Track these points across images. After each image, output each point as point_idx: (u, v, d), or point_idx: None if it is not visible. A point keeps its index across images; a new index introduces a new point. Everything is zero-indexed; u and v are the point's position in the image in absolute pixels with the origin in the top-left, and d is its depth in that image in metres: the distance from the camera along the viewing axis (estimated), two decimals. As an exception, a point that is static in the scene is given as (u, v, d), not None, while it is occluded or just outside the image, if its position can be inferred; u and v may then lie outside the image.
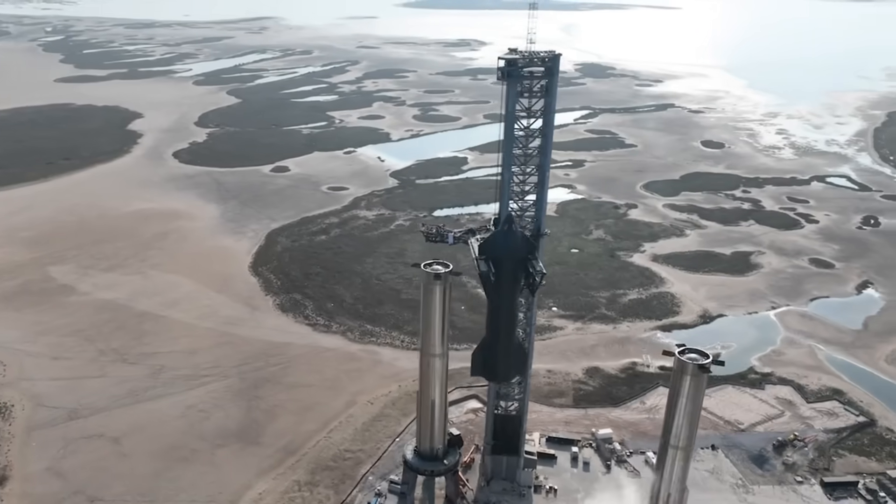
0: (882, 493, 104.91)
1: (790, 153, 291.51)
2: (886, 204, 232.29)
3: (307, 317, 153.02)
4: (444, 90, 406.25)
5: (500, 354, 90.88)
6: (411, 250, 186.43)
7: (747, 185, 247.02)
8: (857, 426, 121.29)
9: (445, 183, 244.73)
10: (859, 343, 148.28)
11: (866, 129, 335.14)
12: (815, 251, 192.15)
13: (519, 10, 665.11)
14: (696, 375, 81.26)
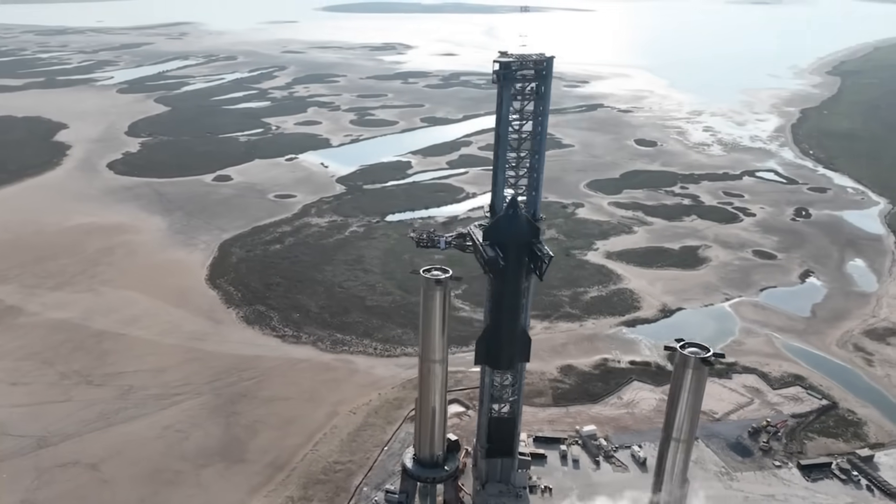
0: (854, 472, 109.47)
1: (719, 149, 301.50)
2: (814, 196, 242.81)
3: (274, 328, 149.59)
4: (377, 94, 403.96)
5: (504, 341, 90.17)
6: (370, 257, 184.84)
7: (684, 182, 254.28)
8: (822, 409, 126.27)
9: (393, 187, 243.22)
10: (811, 330, 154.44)
11: (784, 125, 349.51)
12: (756, 243, 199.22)
13: (440, 14, 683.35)
14: (698, 369, 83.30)
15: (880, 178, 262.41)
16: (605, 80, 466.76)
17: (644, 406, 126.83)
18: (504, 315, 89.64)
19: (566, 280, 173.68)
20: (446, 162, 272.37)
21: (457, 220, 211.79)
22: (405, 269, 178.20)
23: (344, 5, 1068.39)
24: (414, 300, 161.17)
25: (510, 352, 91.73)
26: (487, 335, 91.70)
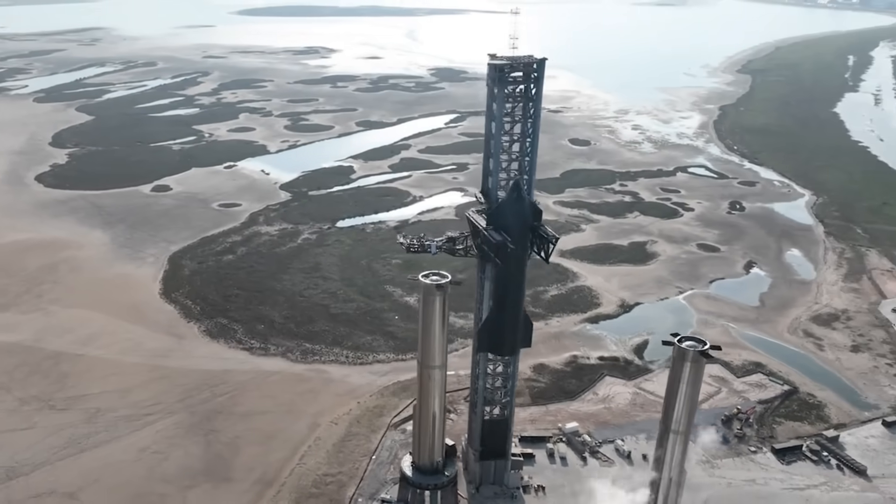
0: (825, 453, 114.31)
1: (650, 147, 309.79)
2: (744, 189, 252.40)
3: (240, 341, 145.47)
4: (308, 99, 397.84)
5: (508, 327, 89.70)
6: (326, 264, 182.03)
7: (622, 179, 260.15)
8: (785, 394, 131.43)
9: (339, 193, 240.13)
10: (762, 318, 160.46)
11: (707, 121, 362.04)
12: (699, 237, 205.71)
13: (357, 17, 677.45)
14: (696, 361, 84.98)
15: (801, 170, 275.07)
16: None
17: (620, 401, 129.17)
18: (508, 300, 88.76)
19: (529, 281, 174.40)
20: (388, 166, 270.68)
21: (407, 223, 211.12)
22: (364, 275, 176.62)
23: (259, 9, 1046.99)
24: (378, 306, 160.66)
25: (513, 338, 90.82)
26: (490, 322, 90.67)
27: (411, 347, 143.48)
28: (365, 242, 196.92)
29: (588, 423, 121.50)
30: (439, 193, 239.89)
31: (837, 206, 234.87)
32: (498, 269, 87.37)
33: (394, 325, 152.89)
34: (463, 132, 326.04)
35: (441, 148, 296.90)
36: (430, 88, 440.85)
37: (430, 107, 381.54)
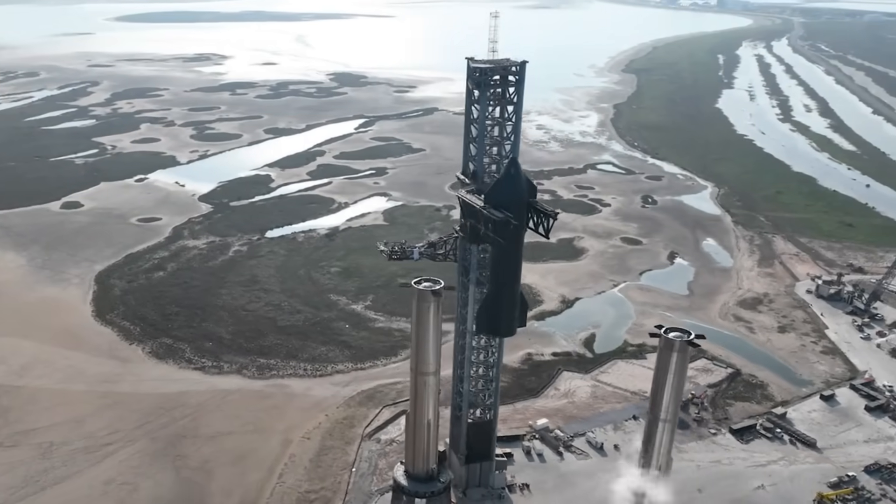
0: (777, 430, 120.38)
1: (557, 146, 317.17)
2: (652, 184, 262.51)
3: (190, 360, 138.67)
4: (209, 107, 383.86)
5: (506, 307, 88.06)
6: (264, 276, 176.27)
7: (538, 178, 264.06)
8: (730, 377, 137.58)
9: (262, 203, 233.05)
10: (694, 306, 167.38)
11: (604, 120, 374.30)
12: (621, 231, 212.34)
13: (242, 22, 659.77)
14: (682, 351, 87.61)
15: (699, 164, 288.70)
16: (431, 84, 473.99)
17: (581, 394, 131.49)
18: (507, 279, 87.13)
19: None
20: (307, 173, 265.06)
21: (338, 231, 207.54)
22: (305, 285, 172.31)
23: (137, 15, 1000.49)
24: (326, 316, 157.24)
25: (511, 317, 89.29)
26: (488, 303, 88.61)
27: (368, 356, 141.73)
28: (299, 252, 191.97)
29: (556, 419, 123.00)
30: (364, 199, 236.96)
31: (738, 196, 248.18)
32: (497, 248, 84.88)
33: (346, 334, 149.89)
34: (375, 137, 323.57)
35: (356, 153, 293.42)
36: (333, 94, 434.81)
37: (337, 112, 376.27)
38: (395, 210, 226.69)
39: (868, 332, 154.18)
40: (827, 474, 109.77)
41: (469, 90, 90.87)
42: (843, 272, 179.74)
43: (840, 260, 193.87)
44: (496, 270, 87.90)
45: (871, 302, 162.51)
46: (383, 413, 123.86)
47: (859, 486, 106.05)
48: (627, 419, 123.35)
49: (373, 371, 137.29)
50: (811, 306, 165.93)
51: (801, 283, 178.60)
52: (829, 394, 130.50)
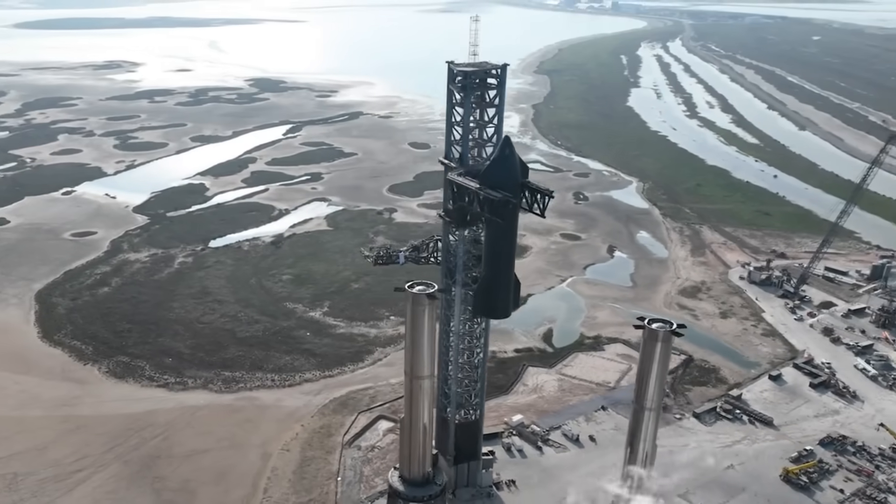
0: (736, 411, 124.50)
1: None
2: (581, 181, 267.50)
3: (152, 378, 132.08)
4: (128, 116, 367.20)
5: (502, 288, 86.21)
6: (215, 287, 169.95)
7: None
8: (684, 363, 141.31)
9: (200, 212, 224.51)
10: (639, 297, 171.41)
11: (526, 120, 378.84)
12: (559, 227, 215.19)
13: (150, 28, 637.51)
14: (666, 340, 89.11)
15: (621, 160, 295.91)
16: (352, 88, 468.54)
17: (549, 388, 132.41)
18: (504, 259, 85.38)
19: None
20: (241, 181, 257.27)
21: (283, 238, 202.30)
22: (258, 294, 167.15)
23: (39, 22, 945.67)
24: (285, 325, 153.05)
25: (507, 298, 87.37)
26: (484, 285, 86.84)
27: (335, 363, 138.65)
28: (247, 261, 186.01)
29: (530, 414, 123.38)
30: (303, 205, 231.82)
31: (662, 189, 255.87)
32: (493, 229, 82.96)
33: (309, 342, 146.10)
34: (304, 142, 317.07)
35: (288, 159, 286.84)
36: (255, 100, 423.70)
37: (262, 118, 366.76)
38: (338, 215, 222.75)
39: (800, 313, 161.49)
40: (787, 450, 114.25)
41: (450, 93, 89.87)
42: (771, 258, 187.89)
43: (763, 247, 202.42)
44: (492, 252, 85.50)
45: (799, 285, 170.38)
46: (359, 420, 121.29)
47: (820, 460, 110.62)
48: (597, 410, 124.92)
49: (342, 378, 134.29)
50: (745, 292, 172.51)
51: (733, 270, 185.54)
52: (777, 374, 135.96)
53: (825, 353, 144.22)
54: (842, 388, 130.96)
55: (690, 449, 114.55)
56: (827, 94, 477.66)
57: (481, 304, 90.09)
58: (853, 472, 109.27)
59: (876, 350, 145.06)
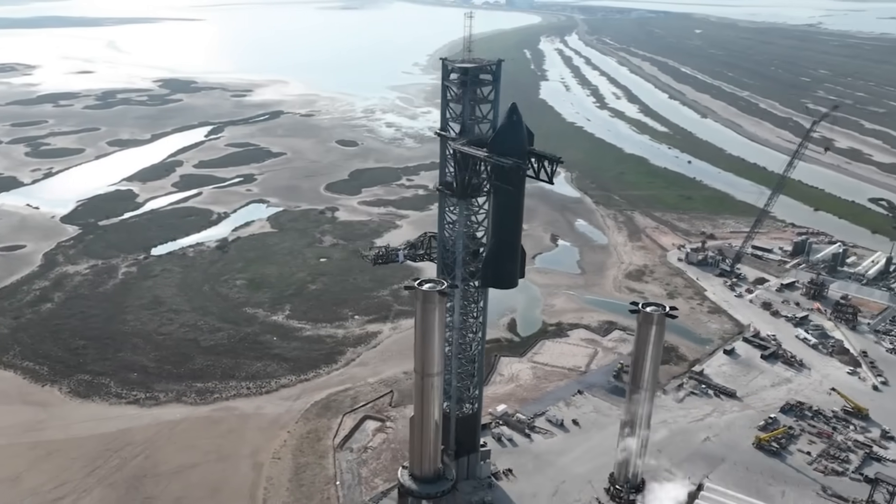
0: (702, 385, 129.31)
1: (412, 142, 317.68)
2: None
3: (120, 395, 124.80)
4: (34, 121, 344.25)
5: (509, 258, 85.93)
6: (167, 296, 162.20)
7: (406, 175, 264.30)
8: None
9: (134, 219, 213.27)
10: (590, 283, 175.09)
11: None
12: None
13: (40, 28, 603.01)
14: (661, 323, 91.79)
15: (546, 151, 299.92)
16: (267, 87, 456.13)
17: (524, 377, 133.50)
18: (511, 229, 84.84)
19: (376, 280, 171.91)
20: (171, 185, 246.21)
21: (228, 241, 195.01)
22: (214, 301, 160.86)
23: None
24: (248, 330, 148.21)
25: (514, 268, 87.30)
26: (492, 255, 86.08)
27: (309, 366, 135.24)
28: (195, 267, 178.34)
29: (511, 403, 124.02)
30: (242, 207, 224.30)
31: (590, 178, 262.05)
32: (502, 198, 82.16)
33: (277, 347, 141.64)
34: (230, 143, 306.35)
35: (216, 161, 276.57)
36: (168, 101, 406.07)
37: (179, 120, 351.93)
38: (280, 216, 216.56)
39: (738, 290, 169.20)
40: (754, 419, 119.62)
41: (444, 89, 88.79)
42: (705, 240, 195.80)
43: (692, 229, 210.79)
44: (500, 221, 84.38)
45: (734, 264, 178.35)
46: (346, 422, 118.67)
47: (789, 427, 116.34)
48: (574, 394, 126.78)
49: (318, 381, 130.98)
50: (686, 273, 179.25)
51: (671, 252, 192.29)
52: (730, 348, 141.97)
53: (768, 326, 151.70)
54: (789, 358, 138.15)
55: (668, 424, 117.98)
56: (719, 84, 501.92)
57: (490, 275, 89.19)
58: (815, 435, 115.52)
59: (811, 321, 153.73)
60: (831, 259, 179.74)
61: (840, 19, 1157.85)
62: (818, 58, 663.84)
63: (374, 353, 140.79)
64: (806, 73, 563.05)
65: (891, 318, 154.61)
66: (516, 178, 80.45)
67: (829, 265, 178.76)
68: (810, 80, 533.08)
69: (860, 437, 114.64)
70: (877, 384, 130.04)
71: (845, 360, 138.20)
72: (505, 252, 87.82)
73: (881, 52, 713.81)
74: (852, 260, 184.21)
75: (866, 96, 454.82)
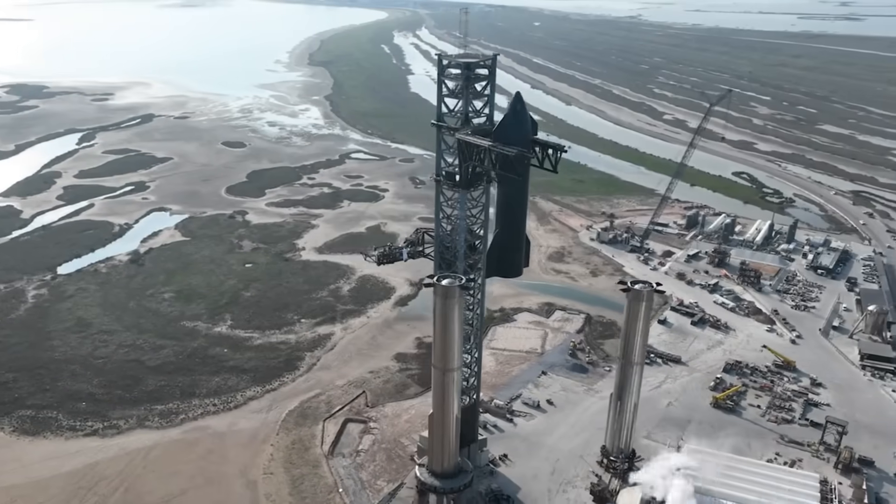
0: (651, 355, 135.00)
1: (300, 140, 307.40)
2: (408, 166, 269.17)
3: (74, 427, 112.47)
4: None
5: (515, 246, 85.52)
6: (92, 316, 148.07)
7: (307, 173, 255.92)
8: (586, 321, 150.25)
9: (25, 237, 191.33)
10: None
11: (327, 112, 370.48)
12: (413, 212, 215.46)
13: None
14: (649, 299, 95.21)
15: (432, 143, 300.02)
16: (128, 89, 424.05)
17: (487, 364, 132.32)
18: (517, 218, 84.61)
19: (311, 282, 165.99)
20: (56, 198, 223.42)
21: (140, 254, 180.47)
22: (146, 317, 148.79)
23: None
24: (193, 345, 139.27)
25: (519, 257, 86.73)
26: (498, 244, 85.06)
27: (270, 375, 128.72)
28: (112, 283, 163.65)
29: (485, 390, 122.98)
30: (143, 217, 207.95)
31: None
32: (508, 187, 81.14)
33: (231, 359, 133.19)
34: (107, 150, 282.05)
35: (99, 170, 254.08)
36: (21, 108, 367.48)
37: (42, 128, 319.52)
38: (188, 224, 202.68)
39: (652, 263, 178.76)
40: (703, 381, 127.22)
41: (441, 84, 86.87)
42: (612, 220, 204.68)
43: (593, 210, 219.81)
44: (506, 210, 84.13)
45: (643, 240, 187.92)
46: (328, 428, 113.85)
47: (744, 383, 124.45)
48: (539, 376, 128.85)
49: (285, 389, 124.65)
50: (601, 251, 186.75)
51: (581, 233, 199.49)
52: (663, 318, 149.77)
53: (688, 295, 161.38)
54: (715, 322, 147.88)
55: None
56: (572, 73, 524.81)
57: (495, 264, 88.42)
58: (759, 389, 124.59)
59: (722, 286, 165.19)
60: (724, 229, 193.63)
61: (655, 12, 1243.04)
62: (648, 47, 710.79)
63: (333, 356, 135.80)
64: (643, 62, 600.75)
65: (786, 278, 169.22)
66: (521, 167, 79.64)
67: (723, 234, 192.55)
68: (649, 67, 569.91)
69: (795, 387, 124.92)
70: (793, 338, 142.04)
71: (761, 320, 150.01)
72: (510, 241, 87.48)
73: (699, 41, 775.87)
74: (739, 229, 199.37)
75: (700, 81, 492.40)
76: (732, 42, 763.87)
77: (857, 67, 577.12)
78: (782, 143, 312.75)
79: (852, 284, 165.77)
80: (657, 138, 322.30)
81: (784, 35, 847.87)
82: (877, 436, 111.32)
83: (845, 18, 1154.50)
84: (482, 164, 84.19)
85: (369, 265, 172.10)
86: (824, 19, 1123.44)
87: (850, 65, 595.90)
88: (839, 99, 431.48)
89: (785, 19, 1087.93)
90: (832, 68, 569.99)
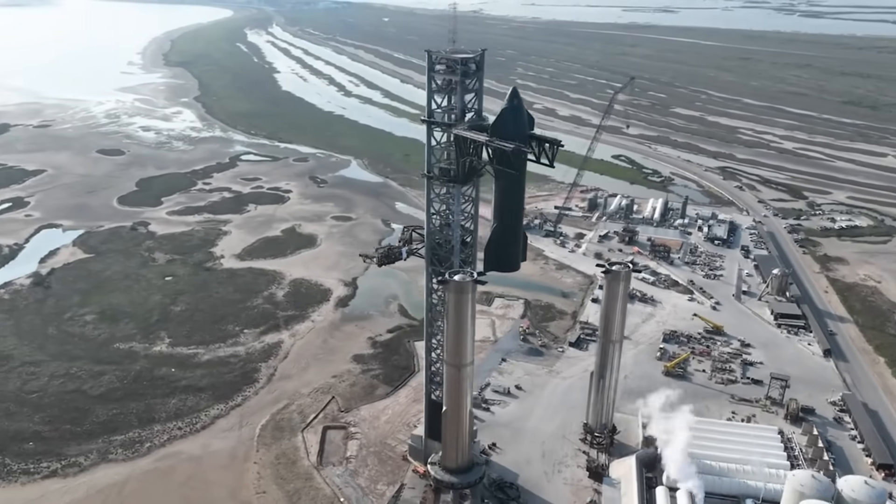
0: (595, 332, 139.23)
1: (182, 145, 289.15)
2: (306, 165, 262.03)
3: (28, 471, 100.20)
4: None
5: (512, 241, 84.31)
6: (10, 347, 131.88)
7: (200, 178, 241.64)
8: (525, 306, 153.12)
9: None
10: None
11: (201, 114, 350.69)
12: (325, 212, 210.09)
13: None
14: (626, 279, 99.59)
15: (323, 141, 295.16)
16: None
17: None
18: (514, 212, 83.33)
19: (243, 290, 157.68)
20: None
21: (43, 276, 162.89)
22: (71, 343, 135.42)
23: None
24: (136, 368, 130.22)
25: (516, 252, 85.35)
26: (496, 239, 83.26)
27: (230, 391, 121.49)
28: (21, 310, 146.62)
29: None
30: (34, 235, 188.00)
31: (382, 163, 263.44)
32: (506, 181, 79.33)
33: (182, 378, 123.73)
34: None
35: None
36: None
37: None
38: (86, 239, 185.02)
39: (569, 245, 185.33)
40: (649, 353, 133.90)
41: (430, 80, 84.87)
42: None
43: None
44: (503, 205, 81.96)
45: (556, 224, 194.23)
46: (308, 438, 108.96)
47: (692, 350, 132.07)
48: (500, 363, 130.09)
49: (250, 404, 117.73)
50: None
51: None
52: (595, 297, 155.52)
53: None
54: (643, 297, 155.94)
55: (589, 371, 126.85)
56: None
57: (493, 259, 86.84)
58: (698, 355, 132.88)
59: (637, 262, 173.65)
60: (624, 209, 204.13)
61: (494, 6, 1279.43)
62: (498, 40, 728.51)
63: (289, 364, 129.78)
64: (498, 54, 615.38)
65: (689, 250, 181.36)
66: (518, 162, 79.66)
67: (624, 214, 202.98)
68: (505, 59, 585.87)
69: (729, 350, 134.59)
70: (713, 305, 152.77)
71: (680, 290, 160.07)
72: (508, 235, 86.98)
73: (543, 34, 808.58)
74: (636, 208, 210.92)
75: (556, 71, 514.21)
76: (573, 34, 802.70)
77: (686, 55, 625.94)
78: (646, 127, 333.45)
79: (747, 252, 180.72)
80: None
81: (616, 27, 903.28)
82: (809, 386, 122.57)
83: (663, 11, 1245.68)
84: (479, 159, 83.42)
85: (294, 266, 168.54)
86: (645, 12, 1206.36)
87: (679, 52, 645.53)
88: (681, 84, 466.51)
89: (611, 12, 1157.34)
90: (666, 56, 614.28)
